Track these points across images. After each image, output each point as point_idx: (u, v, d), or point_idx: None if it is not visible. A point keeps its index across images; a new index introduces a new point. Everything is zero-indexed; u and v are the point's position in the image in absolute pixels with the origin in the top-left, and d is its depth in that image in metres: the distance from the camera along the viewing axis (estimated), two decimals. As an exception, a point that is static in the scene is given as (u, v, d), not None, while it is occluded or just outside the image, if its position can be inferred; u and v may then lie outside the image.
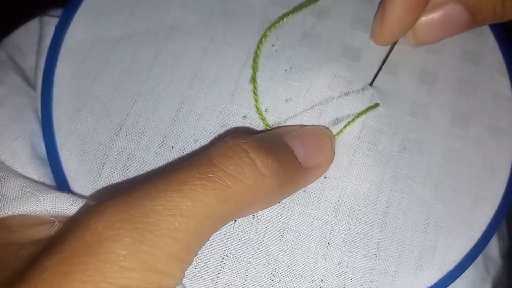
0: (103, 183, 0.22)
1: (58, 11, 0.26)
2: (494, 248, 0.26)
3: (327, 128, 0.23)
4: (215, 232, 0.18)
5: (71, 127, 0.23)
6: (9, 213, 0.20)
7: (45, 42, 0.25)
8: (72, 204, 0.20)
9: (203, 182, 0.17)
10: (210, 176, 0.17)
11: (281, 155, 0.19)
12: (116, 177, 0.22)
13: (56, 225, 0.20)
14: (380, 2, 0.24)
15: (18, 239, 0.20)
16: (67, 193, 0.20)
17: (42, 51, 0.24)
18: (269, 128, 0.23)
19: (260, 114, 0.23)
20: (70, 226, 0.17)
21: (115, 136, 0.23)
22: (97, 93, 0.23)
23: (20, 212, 0.20)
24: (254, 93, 0.23)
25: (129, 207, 0.16)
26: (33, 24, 0.26)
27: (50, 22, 0.25)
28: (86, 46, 0.24)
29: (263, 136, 0.21)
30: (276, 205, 0.22)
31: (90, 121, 0.23)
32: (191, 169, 0.17)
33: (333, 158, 0.22)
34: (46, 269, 0.16)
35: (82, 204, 0.20)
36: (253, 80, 0.23)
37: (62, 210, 0.20)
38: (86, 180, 0.22)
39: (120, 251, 0.16)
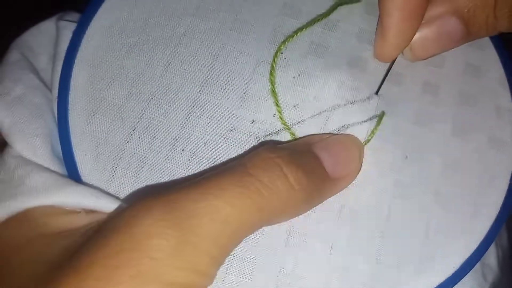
0: (116, 183, 0.23)
1: (74, 16, 0.27)
2: (492, 256, 0.27)
3: (356, 137, 0.23)
4: (243, 239, 0.19)
5: (86, 129, 0.24)
6: (37, 204, 0.20)
7: (61, 47, 0.25)
8: (98, 199, 0.21)
9: (241, 190, 0.18)
10: (246, 185, 0.18)
11: (310, 168, 0.20)
12: (129, 178, 0.23)
13: (81, 214, 0.21)
14: (378, 18, 0.24)
15: (49, 231, 0.20)
16: (94, 188, 0.21)
17: (58, 55, 0.25)
18: (295, 138, 0.24)
19: (285, 125, 0.24)
20: (113, 221, 0.18)
21: (128, 138, 0.23)
22: (111, 96, 0.24)
23: (48, 203, 0.20)
24: (277, 105, 0.24)
25: (173, 207, 0.17)
26: (45, 26, 0.27)
27: (67, 27, 0.26)
28: (102, 52, 0.25)
29: (293, 147, 0.22)
30: None
31: (105, 123, 0.24)
32: (229, 176, 0.19)
33: (359, 169, 0.23)
34: (94, 262, 0.17)
35: (107, 199, 0.21)
36: (274, 93, 0.24)
37: (89, 204, 0.21)
38: (99, 180, 0.23)
39: (167, 249, 0.17)
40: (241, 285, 0.22)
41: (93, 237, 0.19)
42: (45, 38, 0.26)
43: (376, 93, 0.25)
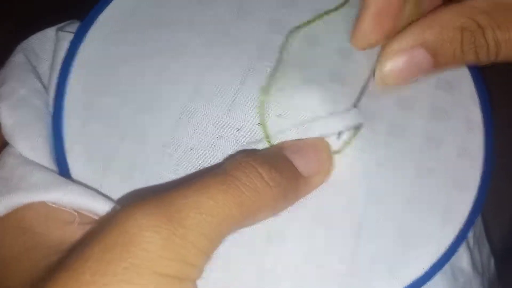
0: (107, 185, 0.24)
1: (73, 27, 0.29)
2: (464, 258, 0.29)
3: (323, 139, 0.25)
4: (229, 234, 0.21)
5: (79, 133, 0.25)
6: (36, 199, 0.22)
7: (59, 55, 0.27)
8: (94, 200, 0.22)
9: (223, 188, 0.20)
10: (228, 184, 0.20)
11: (282, 167, 0.23)
12: (119, 180, 0.24)
13: (77, 220, 0.22)
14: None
15: (43, 241, 0.21)
16: (92, 189, 0.22)
17: (56, 64, 0.27)
18: (271, 144, 0.25)
19: (265, 134, 0.26)
20: (106, 220, 0.19)
21: (119, 143, 0.25)
22: (105, 104, 0.26)
23: (46, 199, 0.22)
24: (265, 132, 0.26)
25: (163, 204, 0.19)
26: (50, 32, 0.28)
27: (65, 38, 0.28)
28: (97, 61, 0.27)
29: (266, 153, 0.24)
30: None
31: (97, 129, 0.25)
32: (213, 179, 0.21)
33: (331, 166, 0.25)
34: (89, 258, 0.18)
35: (103, 200, 0.22)
36: (262, 104, 0.26)
37: (85, 203, 0.22)
38: (90, 182, 0.24)
39: (159, 241, 0.18)
40: (224, 282, 0.23)
41: (87, 237, 0.20)
42: (49, 44, 0.28)
43: (355, 105, 0.27)
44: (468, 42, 0.23)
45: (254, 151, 0.24)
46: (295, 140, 0.25)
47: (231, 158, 0.23)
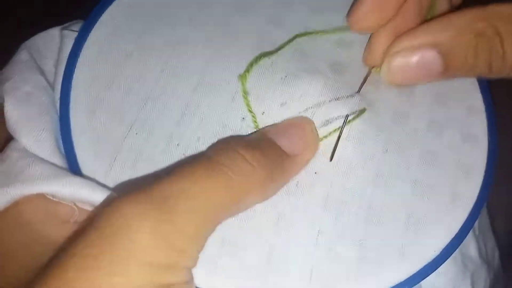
0: (114, 174, 0.24)
1: (77, 26, 0.29)
2: (472, 247, 0.28)
3: (305, 116, 0.25)
4: (222, 220, 0.21)
5: (86, 125, 0.25)
6: (34, 191, 0.21)
7: (64, 52, 0.27)
8: (93, 191, 0.22)
9: (208, 173, 0.20)
10: (212, 169, 0.20)
11: (266, 148, 0.22)
12: (126, 170, 0.24)
13: (75, 217, 0.22)
14: None
15: (41, 237, 0.21)
16: (90, 180, 0.22)
17: (61, 60, 0.27)
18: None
19: (255, 122, 0.26)
20: (95, 214, 0.19)
21: (126, 134, 0.25)
22: (111, 96, 0.26)
23: (45, 191, 0.21)
24: (248, 106, 0.26)
25: (151, 192, 0.19)
26: (53, 32, 0.29)
27: (69, 36, 0.28)
28: (102, 56, 0.27)
29: (249, 137, 0.24)
30: (271, 197, 0.24)
31: (104, 120, 0.25)
32: (198, 165, 0.20)
33: (316, 143, 0.25)
34: (75, 254, 0.18)
35: (102, 192, 0.22)
36: (245, 94, 0.26)
37: (84, 196, 0.22)
38: (98, 172, 0.24)
39: (147, 229, 0.18)
40: (232, 268, 0.23)
41: (78, 231, 0.20)
42: (52, 43, 0.28)
43: (358, 91, 0.27)
44: (483, 49, 0.21)
45: (236, 137, 0.24)
46: (277, 123, 0.25)
47: (213, 145, 0.23)
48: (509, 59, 0.20)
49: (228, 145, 0.22)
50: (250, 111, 0.26)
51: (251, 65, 0.27)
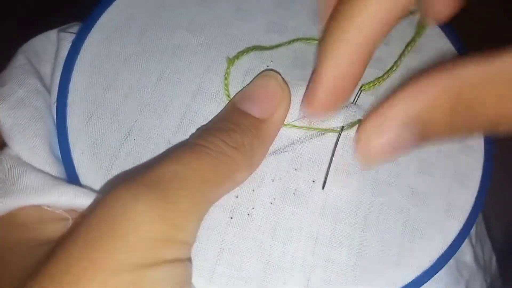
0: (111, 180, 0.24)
1: (75, 29, 0.29)
2: (467, 253, 0.29)
3: (268, 71, 0.26)
4: (215, 199, 0.22)
5: (84, 129, 0.25)
6: (29, 203, 0.21)
7: (61, 55, 0.27)
8: (91, 198, 0.22)
9: (195, 156, 0.21)
10: (198, 152, 0.21)
11: (239, 123, 0.23)
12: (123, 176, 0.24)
13: (70, 222, 0.22)
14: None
15: (36, 236, 0.21)
16: (86, 189, 0.22)
17: (58, 62, 0.27)
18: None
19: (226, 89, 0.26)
20: (95, 204, 0.20)
21: (124, 139, 0.25)
22: (108, 101, 0.26)
23: (40, 203, 0.21)
24: (226, 90, 0.26)
25: (144, 177, 0.20)
26: (51, 35, 0.28)
27: (67, 38, 0.28)
28: (100, 59, 0.27)
29: (221, 114, 0.25)
30: (269, 205, 0.24)
31: (101, 125, 0.25)
32: (183, 150, 0.22)
33: (286, 96, 0.25)
34: (78, 238, 0.18)
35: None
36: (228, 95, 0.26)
37: (79, 205, 0.22)
38: (95, 177, 0.24)
39: (141, 207, 0.19)
40: (230, 276, 0.23)
41: (77, 223, 0.20)
42: (51, 45, 0.28)
43: (354, 102, 0.27)
44: (462, 115, 0.19)
45: (212, 120, 0.25)
46: (244, 89, 0.25)
47: (194, 133, 0.24)
48: (492, 124, 0.19)
49: (206, 130, 0.23)
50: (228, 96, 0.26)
51: (242, 53, 0.27)
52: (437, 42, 0.30)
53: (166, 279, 0.19)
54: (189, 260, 0.21)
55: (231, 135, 0.22)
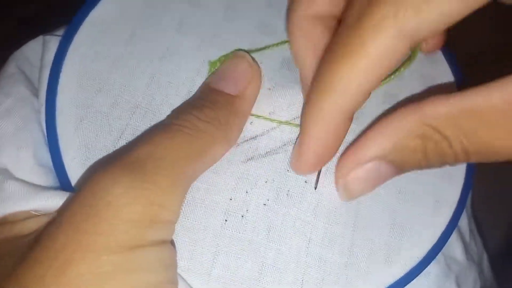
0: None
1: (61, 31, 0.28)
2: (457, 249, 0.30)
3: (237, 51, 0.27)
4: (195, 174, 0.23)
5: (74, 134, 0.24)
6: (17, 210, 0.21)
7: (46, 57, 0.27)
8: None
9: (169, 135, 0.22)
10: (172, 131, 0.22)
11: (213, 100, 0.24)
12: None
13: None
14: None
15: (23, 231, 0.21)
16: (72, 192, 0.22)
17: (44, 65, 0.26)
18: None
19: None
20: (77, 191, 0.20)
21: (115, 143, 0.25)
22: (99, 104, 0.25)
23: (28, 208, 0.21)
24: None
25: (119, 162, 0.20)
26: (41, 39, 0.28)
27: (52, 40, 0.27)
28: (88, 61, 0.26)
29: (196, 95, 0.26)
30: (262, 207, 0.24)
31: (93, 129, 0.25)
32: (159, 130, 0.22)
33: (257, 72, 0.26)
34: (62, 223, 0.19)
35: None
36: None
37: None
38: None
39: (119, 190, 0.19)
40: (227, 278, 0.23)
41: (59, 212, 0.21)
42: (41, 51, 0.27)
43: None
44: (433, 152, 0.20)
45: (187, 100, 0.26)
46: (216, 70, 0.26)
47: (169, 114, 0.25)
48: (462, 157, 0.20)
49: (180, 109, 0.24)
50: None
51: (225, 56, 0.27)
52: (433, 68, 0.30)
53: (154, 260, 0.19)
54: (173, 243, 0.22)
55: (204, 110, 0.23)
